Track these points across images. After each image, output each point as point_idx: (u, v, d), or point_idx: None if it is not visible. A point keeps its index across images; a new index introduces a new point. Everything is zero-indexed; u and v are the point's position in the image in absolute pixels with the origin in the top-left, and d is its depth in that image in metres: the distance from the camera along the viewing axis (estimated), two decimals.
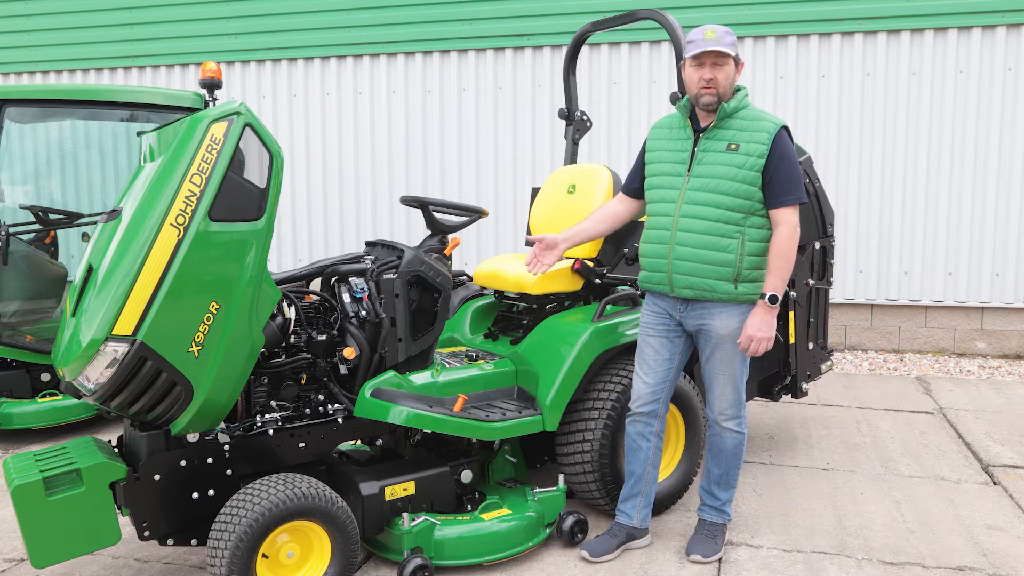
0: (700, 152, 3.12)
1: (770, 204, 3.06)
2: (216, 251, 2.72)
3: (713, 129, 3.12)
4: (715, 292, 3.09)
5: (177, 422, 2.82)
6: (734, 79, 3.08)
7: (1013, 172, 6.82)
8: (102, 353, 2.62)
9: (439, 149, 7.93)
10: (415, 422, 3.16)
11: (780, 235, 3.04)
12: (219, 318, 2.74)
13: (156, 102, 5.24)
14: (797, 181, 3.04)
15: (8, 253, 4.91)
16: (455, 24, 7.69)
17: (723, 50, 3.00)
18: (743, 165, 3.03)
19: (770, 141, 3.01)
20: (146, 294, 2.61)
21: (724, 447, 3.28)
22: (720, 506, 3.36)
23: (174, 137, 2.76)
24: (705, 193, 3.07)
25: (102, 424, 5.28)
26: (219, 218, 2.71)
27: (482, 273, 4.05)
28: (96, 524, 2.81)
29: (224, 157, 2.72)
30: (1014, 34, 6.72)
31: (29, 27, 8.66)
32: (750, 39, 7.15)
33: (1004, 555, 3.36)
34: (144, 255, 2.62)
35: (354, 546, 2.95)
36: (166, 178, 2.68)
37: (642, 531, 3.40)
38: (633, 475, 3.36)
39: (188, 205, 2.66)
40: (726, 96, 3.08)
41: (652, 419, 3.31)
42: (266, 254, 2.85)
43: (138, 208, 2.69)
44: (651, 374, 3.28)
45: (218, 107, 2.77)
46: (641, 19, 3.81)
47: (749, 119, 3.09)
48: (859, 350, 7.29)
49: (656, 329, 3.28)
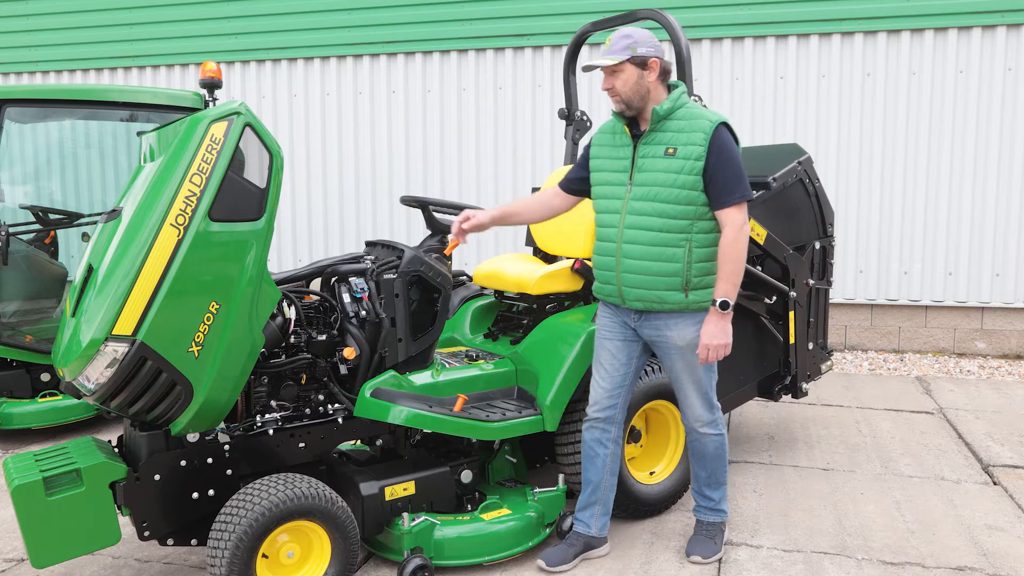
0: (640, 159, 3.02)
1: (714, 205, 2.95)
2: (216, 251, 2.72)
3: (650, 133, 3.01)
4: (665, 303, 3.01)
5: (177, 422, 2.82)
6: (642, 82, 2.97)
7: (1013, 172, 6.81)
8: (102, 353, 2.62)
9: (439, 149, 7.92)
10: (415, 422, 3.16)
11: (726, 237, 2.94)
12: (219, 318, 2.74)
13: (156, 102, 5.24)
14: (739, 178, 2.92)
15: (8, 253, 4.91)
16: (455, 24, 7.68)
17: (599, 63, 2.95)
18: (681, 170, 2.92)
19: (707, 141, 2.90)
20: (146, 294, 2.62)
21: (706, 451, 3.24)
22: (715, 505, 3.33)
23: (174, 137, 2.76)
24: (647, 202, 2.97)
25: (102, 424, 5.28)
26: (219, 218, 2.71)
27: (482, 273, 4.05)
28: (96, 524, 2.81)
29: (224, 157, 2.71)
30: (1014, 34, 6.72)
31: (29, 27, 8.65)
32: (750, 39, 7.15)
33: (1004, 555, 3.36)
34: (144, 255, 2.62)
35: (354, 546, 2.95)
36: (166, 178, 2.68)
37: (600, 540, 3.34)
38: (590, 483, 3.30)
39: (188, 205, 2.66)
40: (635, 100, 2.98)
41: (609, 425, 3.25)
42: (266, 254, 2.85)
43: (138, 208, 2.69)
44: (608, 379, 3.23)
45: (218, 107, 2.78)
46: (641, 19, 3.81)
47: (686, 119, 2.97)
48: (859, 350, 7.29)
49: (613, 332, 3.22)
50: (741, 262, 2.95)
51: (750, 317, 4.22)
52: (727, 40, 7.20)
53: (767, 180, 4.20)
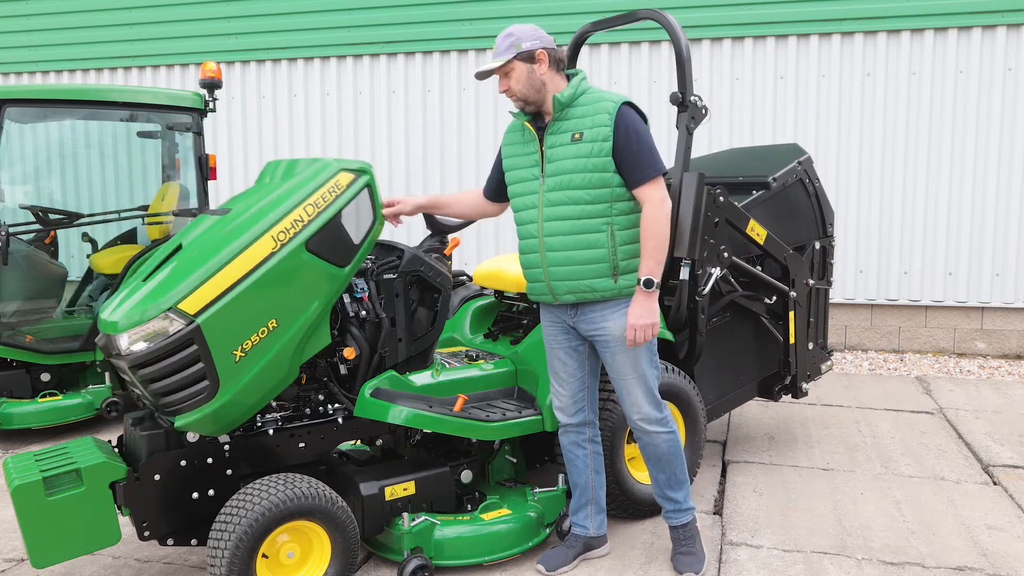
0: (548, 150, 2.98)
1: (630, 185, 2.91)
2: (298, 276, 2.91)
3: (554, 123, 2.98)
4: (596, 291, 2.96)
5: (185, 416, 2.81)
6: (533, 76, 2.94)
7: (1013, 172, 6.81)
8: (159, 320, 2.71)
9: (439, 149, 7.93)
10: (415, 422, 3.16)
11: (645, 214, 2.89)
12: (272, 336, 2.87)
13: (156, 102, 5.25)
14: (650, 153, 2.89)
15: (8, 253, 4.91)
16: (455, 24, 7.69)
17: (487, 68, 2.95)
18: (590, 153, 2.89)
19: (612, 121, 2.87)
20: (221, 286, 2.76)
21: (660, 452, 3.12)
22: (680, 506, 3.23)
23: (304, 169, 3.05)
24: (560, 192, 2.94)
25: (102, 424, 5.28)
26: (312, 250, 2.93)
27: (482, 273, 4.05)
28: (96, 524, 2.82)
29: (339, 202, 2.99)
30: (1014, 34, 6.72)
31: (29, 27, 8.66)
32: (750, 39, 7.15)
33: (1004, 555, 3.36)
34: (237, 252, 2.80)
35: (354, 546, 2.95)
36: (284, 198, 2.93)
37: (600, 539, 3.32)
38: (577, 486, 3.29)
39: (293, 227, 2.90)
40: (531, 95, 2.96)
41: (583, 427, 3.23)
42: (334, 301, 3.04)
43: (249, 213, 2.91)
44: (566, 386, 3.20)
45: (351, 160, 3.08)
46: (641, 19, 3.81)
47: (589, 103, 2.94)
48: (859, 350, 7.29)
49: (558, 341, 3.18)
50: (662, 238, 2.90)
51: (750, 317, 4.22)
52: (727, 40, 7.20)
53: (767, 180, 4.20)
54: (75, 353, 5.16)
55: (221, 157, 8.29)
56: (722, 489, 4.12)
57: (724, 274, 3.84)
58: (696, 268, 3.67)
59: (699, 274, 3.69)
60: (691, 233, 3.56)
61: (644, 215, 2.91)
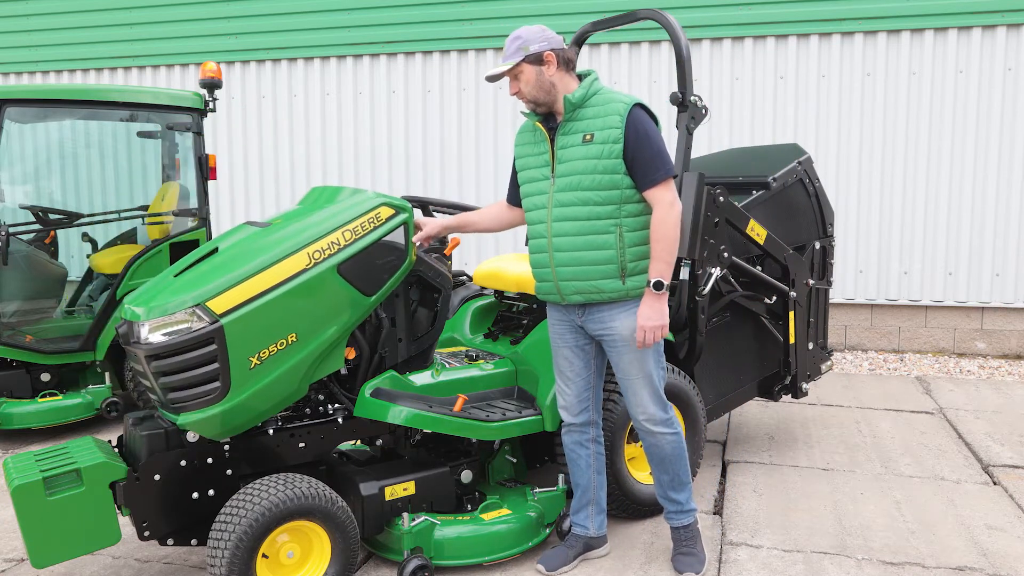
0: (559, 150, 2.98)
1: (640, 187, 2.91)
2: (325, 296, 3.00)
3: (566, 123, 2.98)
4: (603, 292, 2.96)
5: (189, 414, 2.82)
6: (543, 78, 2.94)
7: (1013, 172, 6.81)
8: (185, 314, 2.76)
9: (439, 149, 7.93)
10: (415, 422, 3.16)
11: (655, 216, 2.90)
12: (289, 350, 2.93)
13: (156, 102, 5.24)
14: (661, 156, 2.89)
15: (8, 253, 4.91)
16: (455, 24, 7.69)
17: (496, 72, 2.96)
18: (601, 155, 2.89)
19: (623, 123, 2.87)
20: (250, 292, 2.84)
21: (664, 453, 3.12)
22: (682, 508, 3.23)
23: (348, 197, 3.18)
24: (570, 192, 2.94)
25: (102, 424, 5.28)
26: (343, 274, 3.03)
27: (482, 273, 4.05)
28: (96, 524, 2.82)
29: (376, 233, 3.11)
30: (1014, 34, 6.72)
31: (29, 27, 8.66)
32: (750, 39, 7.15)
33: (1004, 555, 3.36)
34: (272, 262, 2.90)
35: (354, 546, 2.95)
36: (325, 221, 3.05)
37: (600, 539, 3.32)
38: (579, 486, 3.29)
39: (329, 249, 3.00)
40: (541, 97, 2.97)
41: (586, 427, 3.24)
42: (352, 329, 3.12)
43: (290, 227, 3.03)
44: (571, 385, 3.20)
45: (394, 197, 3.20)
46: (641, 19, 3.81)
47: (601, 104, 2.94)
48: (859, 350, 7.29)
49: (564, 339, 3.18)
50: (672, 240, 2.90)
51: (750, 317, 4.22)
52: (727, 40, 7.20)
53: (767, 180, 4.20)
54: (75, 353, 5.16)
55: (221, 157, 8.29)
56: (722, 489, 4.12)
57: (724, 274, 3.84)
58: (696, 268, 3.67)
59: (699, 274, 3.69)
60: (691, 233, 3.56)
61: (654, 217, 2.92)
